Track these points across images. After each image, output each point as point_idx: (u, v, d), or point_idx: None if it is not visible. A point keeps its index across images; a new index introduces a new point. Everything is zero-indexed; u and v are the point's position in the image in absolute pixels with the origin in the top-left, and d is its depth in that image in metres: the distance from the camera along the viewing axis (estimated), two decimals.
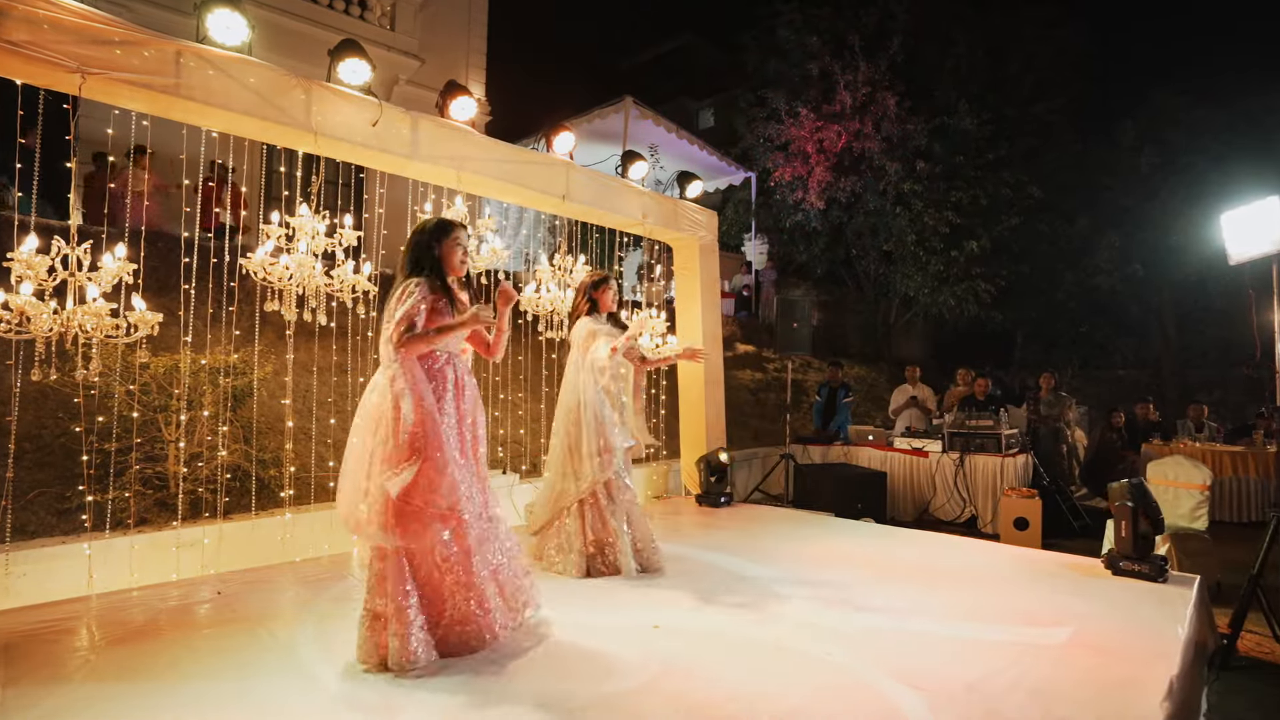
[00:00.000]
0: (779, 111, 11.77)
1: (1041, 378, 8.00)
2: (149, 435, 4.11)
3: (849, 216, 12.07)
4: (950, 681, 2.31)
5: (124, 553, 3.45)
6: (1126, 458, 7.36)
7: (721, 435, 6.01)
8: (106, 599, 3.07)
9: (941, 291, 11.60)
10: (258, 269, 3.68)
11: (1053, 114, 12.29)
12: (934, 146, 11.29)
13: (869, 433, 7.44)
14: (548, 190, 4.74)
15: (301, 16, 8.48)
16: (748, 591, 3.30)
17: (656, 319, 5.42)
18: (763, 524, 4.89)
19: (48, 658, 2.43)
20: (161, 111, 3.40)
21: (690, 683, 2.31)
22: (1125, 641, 2.65)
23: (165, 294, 4.90)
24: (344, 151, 3.92)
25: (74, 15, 2.89)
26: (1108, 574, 3.54)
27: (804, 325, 7.04)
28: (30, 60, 2.80)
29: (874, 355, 12.97)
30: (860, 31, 11.31)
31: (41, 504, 3.76)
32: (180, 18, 7.11)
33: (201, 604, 3.05)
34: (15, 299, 2.79)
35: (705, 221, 6.02)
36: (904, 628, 2.83)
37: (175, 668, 2.36)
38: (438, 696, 2.18)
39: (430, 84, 8.99)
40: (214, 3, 3.36)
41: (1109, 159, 13.43)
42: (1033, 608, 3.09)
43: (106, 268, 3.08)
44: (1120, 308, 13.63)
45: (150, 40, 3.11)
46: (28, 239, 2.89)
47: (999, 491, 6.15)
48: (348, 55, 3.78)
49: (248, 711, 2.09)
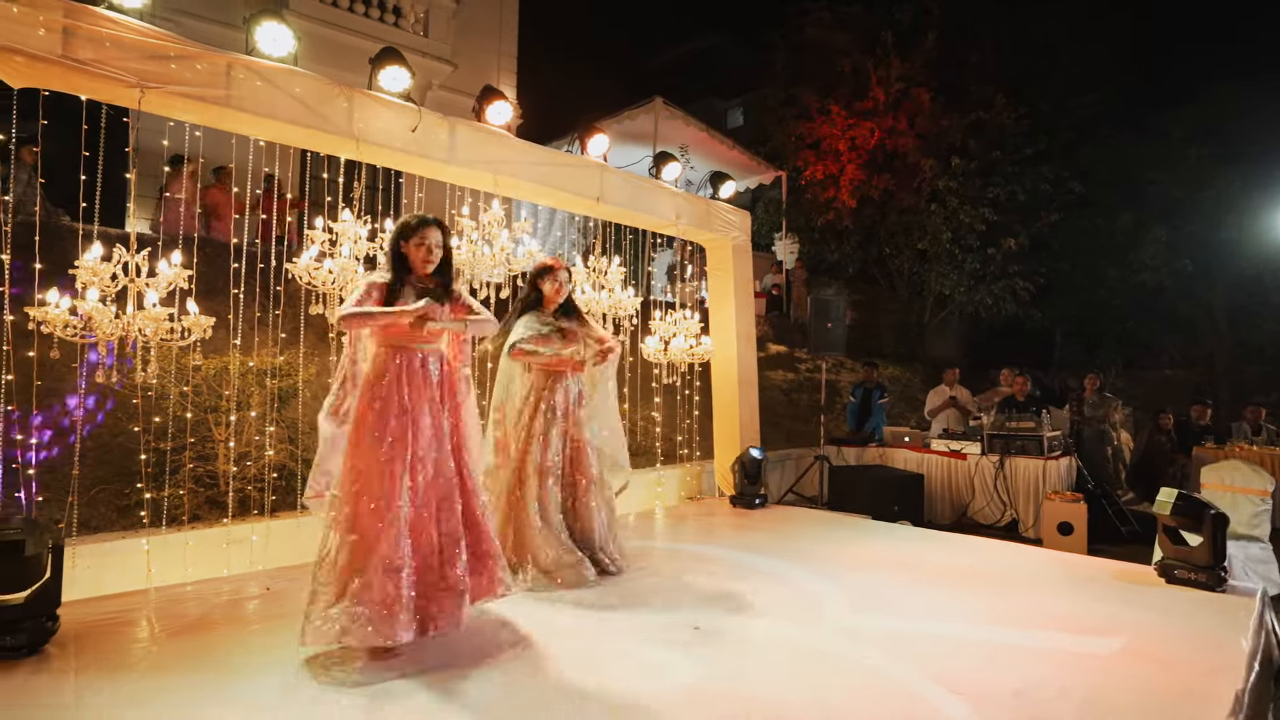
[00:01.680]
0: (809, 109, 11.67)
1: (1086, 378, 7.78)
2: (200, 435, 4.25)
3: (882, 214, 11.90)
4: (995, 688, 2.27)
5: (179, 548, 3.58)
6: (1177, 461, 7.11)
7: (755, 436, 5.98)
8: (164, 592, 3.19)
9: (978, 290, 11.37)
10: (302, 273, 3.79)
11: (1094, 107, 11.95)
12: (970, 142, 11.07)
13: (905, 434, 7.32)
14: (582, 192, 4.78)
15: (340, 26, 8.70)
16: (784, 593, 3.28)
17: (690, 319, 5.42)
18: (798, 525, 4.86)
19: (113, 647, 2.54)
20: (213, 122, 3.53)
21: (729, 684, 2.31)
22: (1183, 652, 2.57)
23: (213, 297, 5.07)
24: (384, 157, 4.01)
25: (134, 32, 3.01)
26: (1161, 581, 3.43)
27: (838, 325, 6.97)
28: (94, 77, 2.93)
29: (908, 355, 12.76)
30: (894, 27, 11.14)
31: (103, 500, 3.93)
32: (229, 31, 7.35)
33: (251, 599, 3.14)
34: (82, 305, 2.92)
35: (738, 222, 5.99)
36: (945, 632, 2.78)
37: (229, 661, 2.44)
38: (470, 693, 2.23)
39: (463, 88, 9.14)
40: (262, 15, 3.48)
41: (1156, 151, 12.99)
42: (1081, 615, 3.01)
43: (163, 274, 3.20)
44: (1167, 305, 13.16)
45: (203, 54, 3.23)
46: (93, 247, 3.02)
47: (1041, 495, 6.00)
48: (388, 63, 3.87)
49: (296, 706, 2.15)
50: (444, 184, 4.57)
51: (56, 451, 3.95)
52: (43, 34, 2.80)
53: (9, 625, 2.39)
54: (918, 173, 11.14)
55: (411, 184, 4.45)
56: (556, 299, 3.56)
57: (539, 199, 5.01)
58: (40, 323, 2.98)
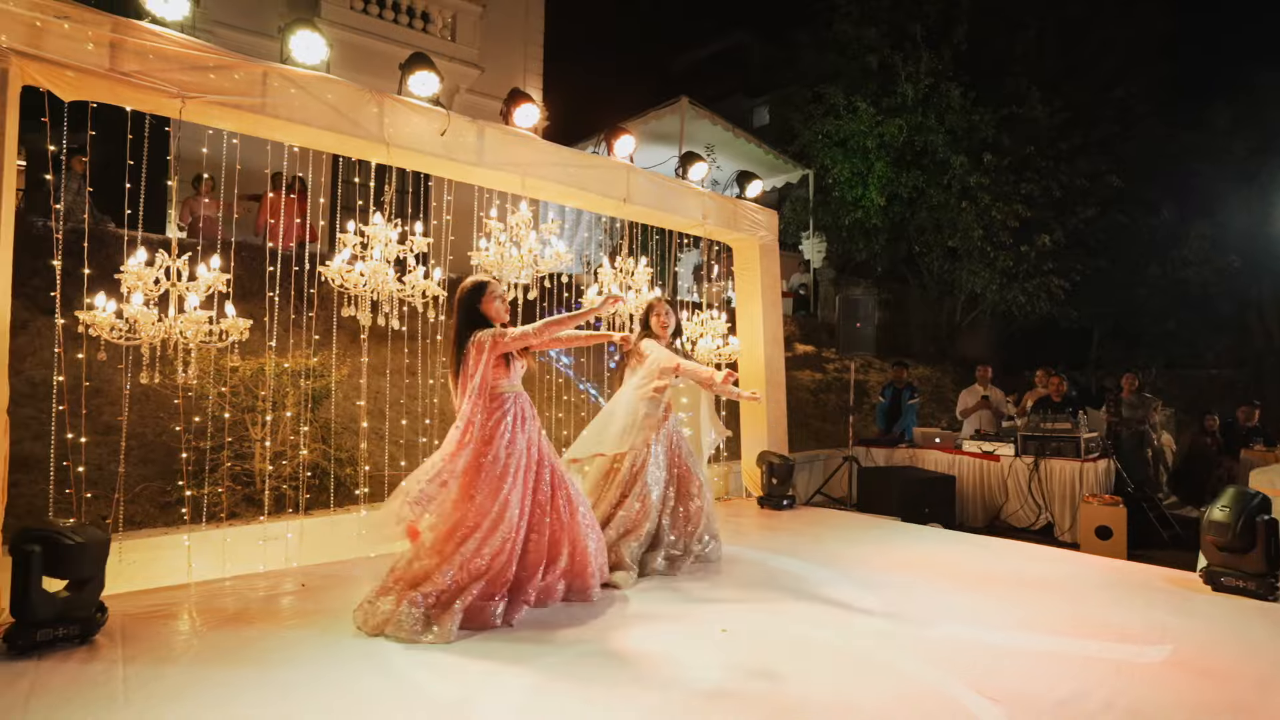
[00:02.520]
0: (837, 107, 11.53)
1: (1124, 378, 7.51)
2: (238, 434, 4.37)
3: (911, 212, 11.69)
4: (1035, 697, 2.21)
5: (217, 544, 3.67)
6: (1222, 464, 6.87)
7: (783, 437, 5.94)
8: (203, 587, 3.29)
9: (1011, 288, 11.11)
10: (335, 276, 3.86)
11: (1133, 99, 11.58)
12: (1002, 138, 10.82)
13: (936, 435, 7.19)
14: (608, 193, 4.79)
15: (370, 33, 8.85)
16: (812, 596, 3.25)
17: (717, 319, 5.39)
18: (826, 527, 4.80)
19: (158, 640, 2.62)
20: (249, 129, 3.62)
21: (757, 687, 2.29)
22: (1232, 664, 2.48)
23: (249, 300, 5.20)
24: (414, 161, 4.07)
25: (175, 45, 3.10)
26: (1207, 589, 3.31)
27: (867, 325, 6.87)
28: (139, 88, 3.03)
29: (938, 355, 12.53)
30: (922, 21, 10.95)
31: (146, 497, 4.05)
32: (264, 40, 7.53)
33: (286, 595, 3.22)
34: (128, 308, 3.01)
35: (765, 221, 5.95)
36: (980, 638, 2.73)
37: (267, 656, 2.50)
38: (505, 684, 2.24)
39: (490, 92, 9.23)
40: (296, 24, 3.56)
41: (1199, 143, 12.55)
42: (1123, 622, 2.92)
43: (202, 278, 3.29)
44: (1211, 302, 12.70)
45: (240, 63, 3.31)
46: (137, 252, 3.12)
47: (1078, 498, 5.84)
48: (417, 68, 3.93)
49: (333, 698, 2.19)
50: (472, 186, 4.62)
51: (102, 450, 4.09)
52: (91, 48, 2.90)
53: (63, 616, 2.50)
54: (948, 169, 10.93)
55: (440, 187, 4.52)
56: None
57: (566, 200, 5.03)
58: (88, 326, 3.08)
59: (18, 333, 4.21)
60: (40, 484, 3.53)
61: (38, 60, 2.81)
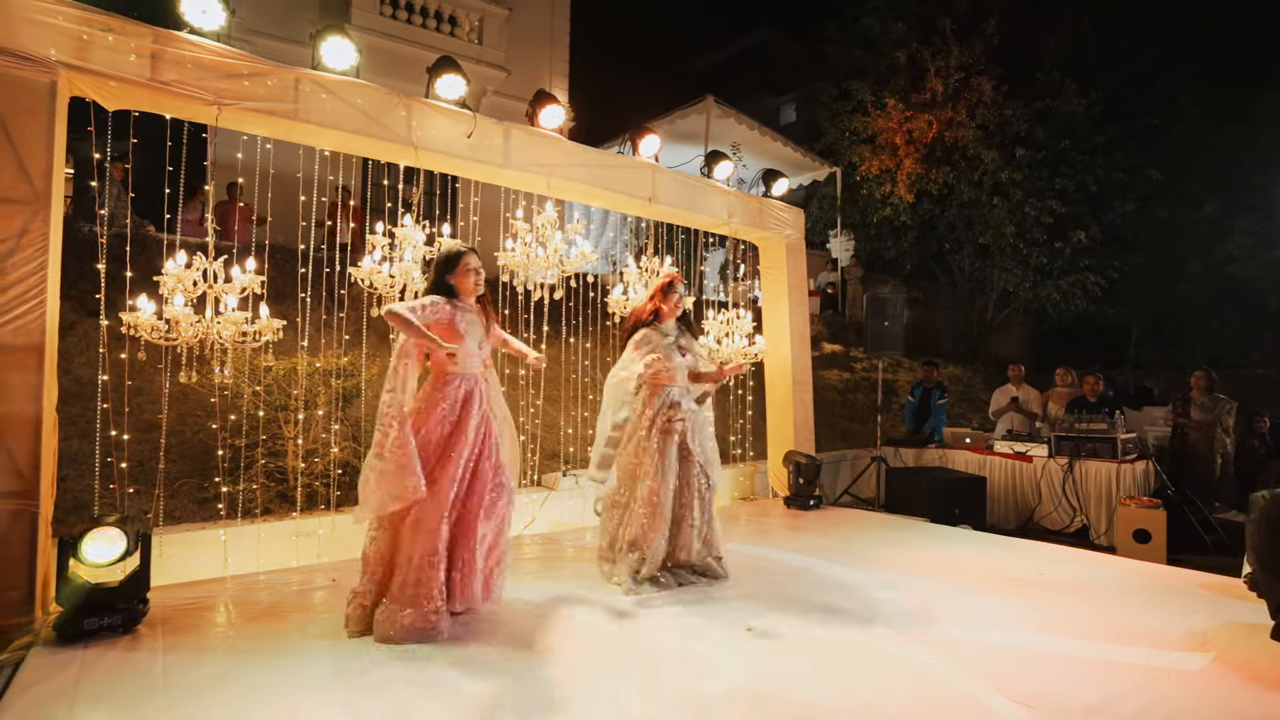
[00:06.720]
0: (865, 103, 11.37)
1: (1192, 377, 7.16)
2: (271, 432, 4.48)
3: (941, 209, 11.48)
4: (1066, 702, 2.16)
5: (252, 539, 3.78)
6: (1271, 467, 6.60)
7: (810, 436, 5.89)
8: (239, 580, 3.38)
9: (1044, 286, 10.84)
10: (365, 277, 3.94)
11: (1175, 90, 11.19)
12: (1036, 132, 10.56)
13: (966, 435, 7.05)
14: (634, 193, 4.80)
15: (398, 37, 8.99)
16: (840, 597, 3.22)
17: (743, 319, 5.37)
18: (854, 528, 4.75)
19: (196, 630, 2.71)
20: (281, 135, 3.71)
21: (783, 686, 2.28)
22: (1276, 673, 2.39)
23: (281, 301, 5.32)
24: (441, 163, 4.13)
25: (211, 53, 3.20)
26: (1252, 596, 3.19)
27: (895, 324, 6.77)
28: (177, 96, 3.13)
29: (969, 354, 12.29)
30: (952, 14, 10.74)
31: (184, 493, 4.18)
32: (295, 47, 7.70)
33: (318, 589, 3.29)
34: (170, 309, 3.11)
35: (791, 220, 5.91)
36: (1012, 642, 2.67)
37: (301, 648, 2.57)
38: (524, 684, 2.27)
39: (516, 94, 9.31)
40: (327, 31, 3.64)
41: (1245, 135, 12.09)
42: (1162, 627, 2.84)
43: (238, 279, 3.38)
44: (1259, 299, 12.22)
45: (273, 70, 3.40)
46: (178, 255, 3.22)
47: (1114, 500, 5.68)
48: (444, 71, 3.99)
49: (363, 691, 2.24)
50: (498, 188, 4.67)
51: (143, 447, 4.23)
52: (133, 59, 3.01)
53: (107, 607, 2.61)
54: (979, 165, 10.70)
55: (467, 188, 4.58)
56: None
57: (591, 200, 5.06)
58: (131, 327, 3.20)
59: (65, 334, 4.38)
60: (86, 479, 3.67)
61: (84, 72, 2.92)
